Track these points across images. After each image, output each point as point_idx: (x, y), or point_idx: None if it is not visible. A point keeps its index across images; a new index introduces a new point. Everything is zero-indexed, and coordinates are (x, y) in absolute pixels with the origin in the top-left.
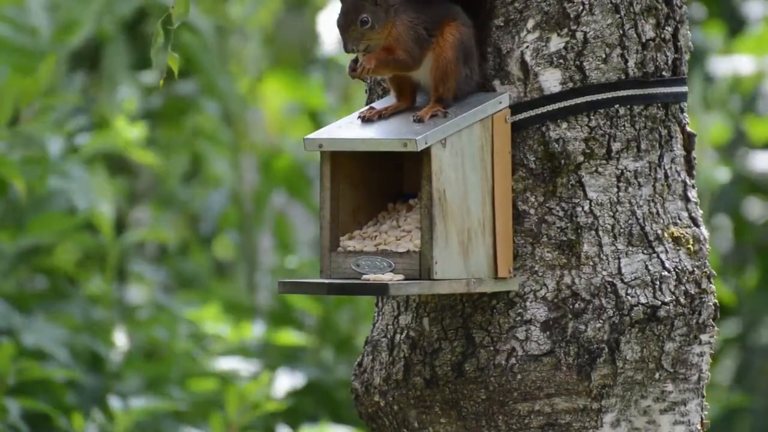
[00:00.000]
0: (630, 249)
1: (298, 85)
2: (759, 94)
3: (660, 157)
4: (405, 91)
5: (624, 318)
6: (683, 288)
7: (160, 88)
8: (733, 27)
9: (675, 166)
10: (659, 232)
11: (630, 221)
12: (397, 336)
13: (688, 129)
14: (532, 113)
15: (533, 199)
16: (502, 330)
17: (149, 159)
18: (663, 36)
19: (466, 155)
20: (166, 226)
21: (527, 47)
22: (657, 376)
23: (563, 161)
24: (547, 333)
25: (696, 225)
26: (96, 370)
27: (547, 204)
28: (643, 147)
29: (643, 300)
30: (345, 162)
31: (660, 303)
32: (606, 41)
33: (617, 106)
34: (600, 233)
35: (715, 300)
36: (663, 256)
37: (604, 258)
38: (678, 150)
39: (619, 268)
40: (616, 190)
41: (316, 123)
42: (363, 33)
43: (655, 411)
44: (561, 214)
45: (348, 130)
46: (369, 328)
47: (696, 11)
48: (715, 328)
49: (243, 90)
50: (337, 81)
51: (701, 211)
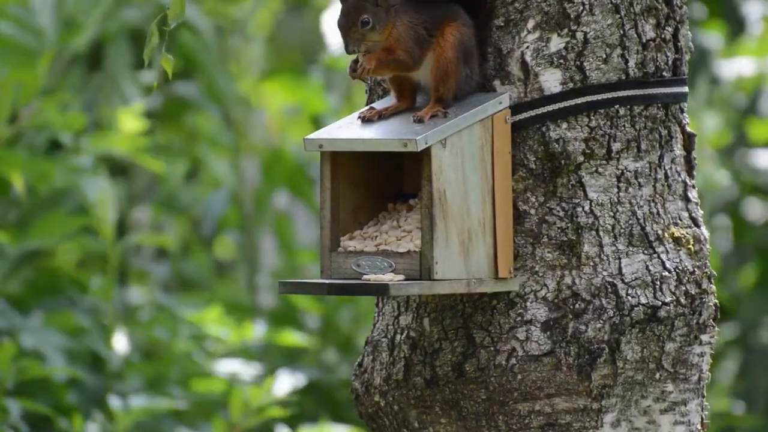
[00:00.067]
0: (630, 249)
1: (298, 87)
2: (760, 95)
3: (660, 158)
4: (405, 92)
5: (624, 318)
6: (684, 288)
7: (154, 89)
8: (734, 27)
9: (675, 166)
10: (660, 232)
11: (630, 221)
12: (398, 336)
13: (688, 129)
14: (532, 113)
15: (533, 200)
16: (502, 330)
17: (155, 165)
18: (663, 36)
19: (466, 155)
20: (166, 227)
21: (527, 47)
22: (657, 376)
23: (563, 161)
24: (548, 333)
25: (696, 225)
26: (97, 370)
27: (548, 204)
28: (644, 147)
29: (644, 300)
30: (345, 162)
31: (660, 303)
32: (606, 41)
33: (617, 106)
34: (600, 233)
35: (716, 300)
36: (663, 256)
37: (604, 258)
38: (678, 150)
39: (620, 268)
40: (616, 190)
41: (316, 125)
42: (364, 34)
43: (656, 411)
44: (561, 214)
45: (348, 130)
46: (370, 328)
47: (696, 11)
48: (716, 328)
49: (244, 91)
50: (339, 82)
51: (701, 212)
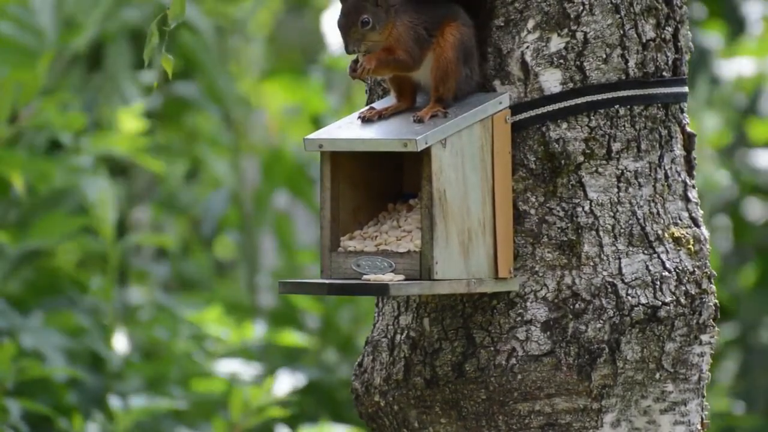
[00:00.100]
0: (630, 249)
1: (298, 87)
2: (760, 95)
3: (660, 158)
4: (405, 92)
5: (624, 318)
6: (684, 288)
7: (154, 89)
8: (734, 27)
9: (675, 166)
10: (660, 232)
11: (630, 221)
12: (398, 336)
13: (688, 129)
14: (532, 113)
15: (533, 200)
16: (502, 330)
17: (155, 165)
18: (663, 36)
19: (466, 155)
20: (166, 227)
21: (527, 47)
22: (657, 376)
23: (563, 161)
24: (548, 333)
25: (696, 225)
26: (97, 370)
27: (548, 204)
28: (644, 147)
29: (644, 300)
30: (345, 162)
31: (660, 303)
32: (606, 41)
33: (617, 106)
34: (600, 233)
35: (716, 300)
36: (663, 256)
37: (604, 258)
38: (678, 150)
39: (620, 268)
40: (616, 190)
41: (316, 125)
42: (364, 34)
43: (656, 411)
44: (561, 214)
45: (348, 130)
46: (370, 328)
47: (696, 11)
48: (716, 328)
49: (245, 91)
50: (339, 82)
51: (701, 212)
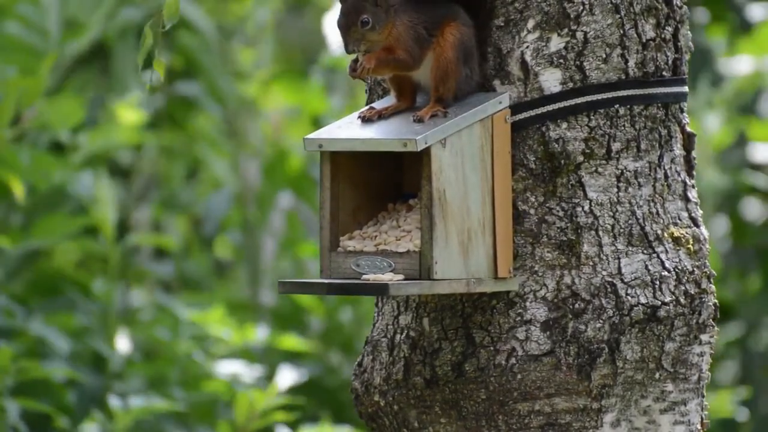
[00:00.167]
0: (630, 249)
1: (300, 87)
2: (760, 95)
3: (660, 157)
4: (405, 91)
5: (624, 318)
6: (683, 288)
7: (151, 89)
8: (738, 29)
9: (675, 166)
10: (659, 232)
11: (630, 221)
12: (397, 336)
13: (688, 129)
14: (532, 113)
15: (533, 199)
16: (502, 330)
17: (151, 139)
18: (663, 36)
19: (466, 155)
20: (168, 227)
21: (527, 47)
22: (657, 376)
23: (563, 161)
24: (547, 333)
25: (696, 225)
26: (98, 370)
27: (547, 204)
28: (643, 147)
29: (643, 300)
30: (345, 162)
31: (660, 303)
32: (606, 41)
33: (617, 106)
34: (600, 233)
35: (715, 300)
36: (663, 256)
37: (604, 258)
38: (678, 150)
39: (619, 268)
40: (616, 190)
41: (318, 126)
42: (363, 34)
43: (655, 411)
44: (561, 214)
45: (348, 130)
46: (370, 328)
47: (699, 15)
48: (715, 328)
49: (248, 91)
50: (342, 82)
51: (701, 212)
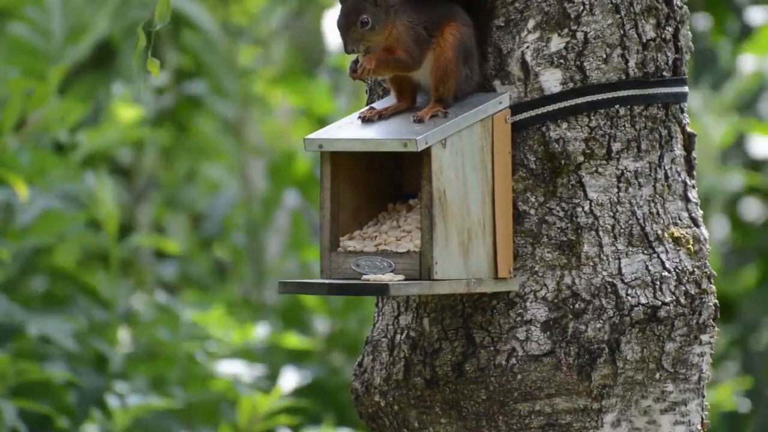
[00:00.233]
0: (630, 249)
1: (305, 88)
2: (760, 95)
3: (660, 158)
4: (405, 92)
5: (624, 318)
6: (683, 288)
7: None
8: (740, 34)
9: (675, 166)
10: (659, 232)
11: (630, 221)
12: (398, 336)
13: (688, 129)
14: (532, 113)
15: (533, 200)
16: (502, 330)
17: (153, 135)
18: (663, 36)
19: (466, 155)
20: (170, 228)
21: (528, 47)
22: (657, 376)
23: (563, 161)
24: (548, 333)
25: (696, 225)
26: (99, 370)
27: (548, 204)
28: (644, 147)
29: (644, 300)
30: (345, 162)
31: (660, 303)
32: (606, 41)
33: (617, 106)
34: (600, 233)
35: (716, 300)
36: (663, 256)
37: (604, 258)
38: (678, 150)
39: (620, 268)
40: (616, 190)
41: (324, 126)
42: (363, 34)
43: (656, 411)
44: (561, 214)
45: (348, 130)
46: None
47: (701, 22)
48: (716, 328)
49: (255, 90)
50: (347, 83)
51: (701, 212)
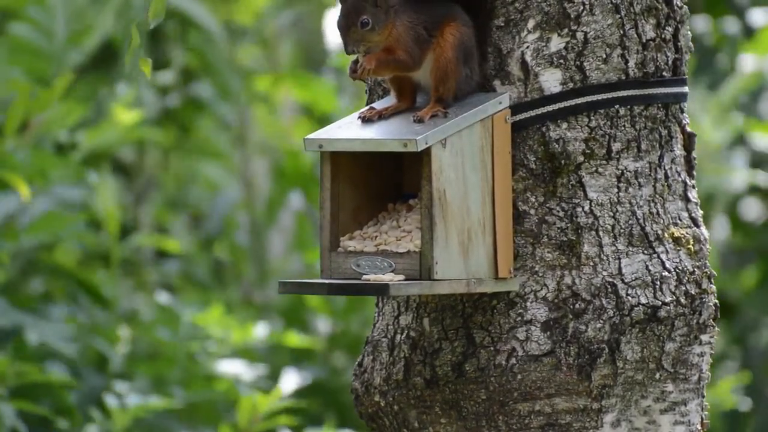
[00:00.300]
0: (630, 249)
1: (309, 87)
2: (760, 95)
3: (660, 158)
4: (405, 92)
5: (624, 318)
6: (684, 288)
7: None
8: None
9: (675, 166)
10: (659, 232)
11: (630, 221)
12: (398, 336)
13: (688, 129)
14: (532, 113)
15: (533, 200)
16: (502, 330)
17: (153, 135)
18: (663, 36)
19: (466, 155)
20: (172, 228)
21: (527, 47)
22: (657, 376)
23: (563, 161)
24: (548, 333)
25: (696, 225)
26: (99, 370)
27: (548, 204)
28: (644, 147)
29: (644, 300)
30: (345, 162)
31: (660, 303)
32: (606, 41)
33: (617, 106)
34: (600, 233)
35: (716, 300)
36: (663, 256)
37: (604, 258)
38: (678, 150)
39: (620, 268)
40: (616, 190)
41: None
42: (363, 34)
43: (656, 411)
44: (561, 214)
45: (348, 130)
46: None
47: (701, 24)
48: (716, 328)
49: (259, 89)
50: (350, 83)
51: (701, 212)
